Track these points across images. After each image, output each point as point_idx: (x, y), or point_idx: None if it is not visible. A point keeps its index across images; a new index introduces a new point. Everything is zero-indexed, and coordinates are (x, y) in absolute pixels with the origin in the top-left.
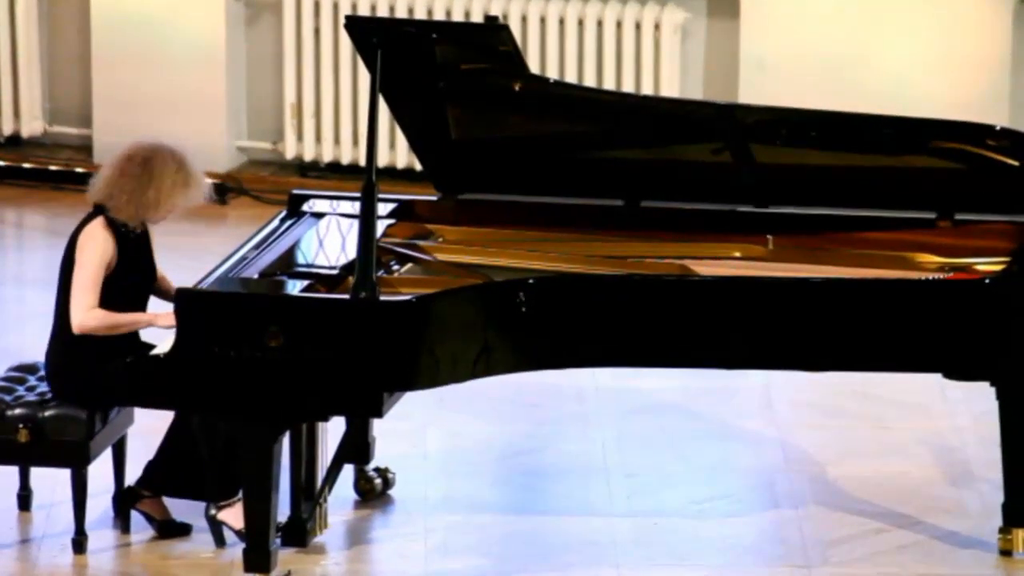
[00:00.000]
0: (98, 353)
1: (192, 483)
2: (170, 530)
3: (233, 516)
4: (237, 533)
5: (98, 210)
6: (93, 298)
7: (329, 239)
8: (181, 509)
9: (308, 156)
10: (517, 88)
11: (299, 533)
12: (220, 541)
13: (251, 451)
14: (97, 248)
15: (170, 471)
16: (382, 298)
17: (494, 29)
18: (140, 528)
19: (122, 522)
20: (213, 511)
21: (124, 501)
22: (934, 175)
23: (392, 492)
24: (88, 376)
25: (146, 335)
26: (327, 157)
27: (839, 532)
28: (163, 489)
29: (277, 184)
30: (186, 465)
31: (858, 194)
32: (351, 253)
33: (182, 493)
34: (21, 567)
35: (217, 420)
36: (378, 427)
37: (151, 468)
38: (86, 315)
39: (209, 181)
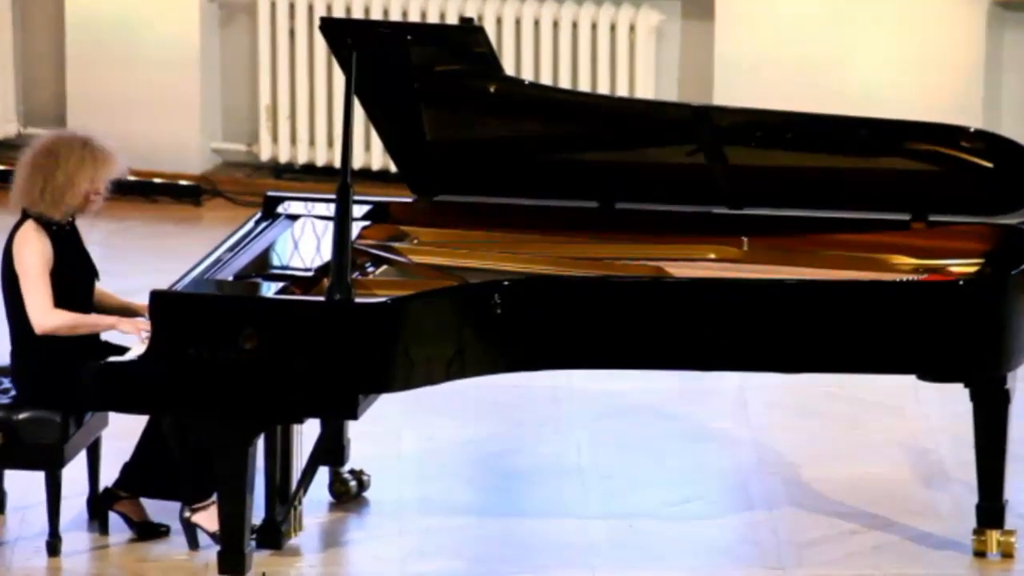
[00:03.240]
0: (62, 358)
1: (169, 484)
2: (148, 531)
3: (207, 518)
4: (211, 535)
5: (25, 215)
6: (48, 298)
7: (304, 241)
8: (158, 510)
9: (283, 158)
10: (492, 90)
11: (274, 535)
12: (194, 543)
13: (226, 453)
14: (34, 250)
15: (147, 472)
16: (357, 300)
17: (469, 31)
18: (115, 530)
19: (99, 524)
20: (187, 513)
21: (101, 503)
22: (908, 177)
23: (367, 494)
24: (55, 382)
25: (112, 338)
26: (302, 159)
27: (813, 533)
28: (140, 490)
29: (252, 186)
30: (163, 466)
31: (832, 196)
32: (326, 255)
33: (159, 494)
34: None
35: (191, 422)
36: (353, 429)
37: (128, 469)
38: (46, 315)
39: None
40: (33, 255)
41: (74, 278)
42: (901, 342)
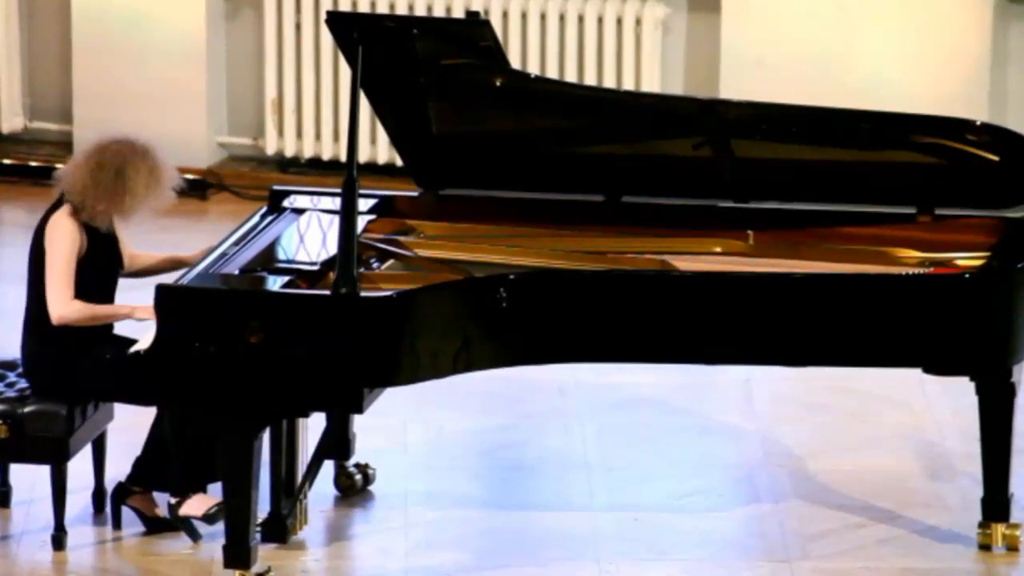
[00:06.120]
0: (75, 346)
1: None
2: (160, 526)
3: (194, 506)
4: (202, 518)
5: (62, 199)
6: (69, 289)
7: (310, 235)
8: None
9: (289, 152)
10: (498, 83)
11: (279, 529)
12: (194, 535)
13: (231, 447)
14: (66, 238)
15: (158, 466)
16: (363, 294)
17: (475, 24)
18: (127, 525)
19: (112, 518)
20: (176, 510)
21: (114, 498)
22: (914, 170)
23: (372, 488)
24: (67, 371)
25: (121, 328)
26: (308, 153)
27: (819, 526)
28: (152, 484)
29: (258, 180)
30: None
31: (839, 189)
32: (332, 249)
33: (171, 487)
34: (0, 564)
35: (196, 415)
36: (358, 423)
37: (139, 464)
38: (65, 307)
39: (179, 176)
40: (65, 243)
41: (100, 271)
42: (907, 335)
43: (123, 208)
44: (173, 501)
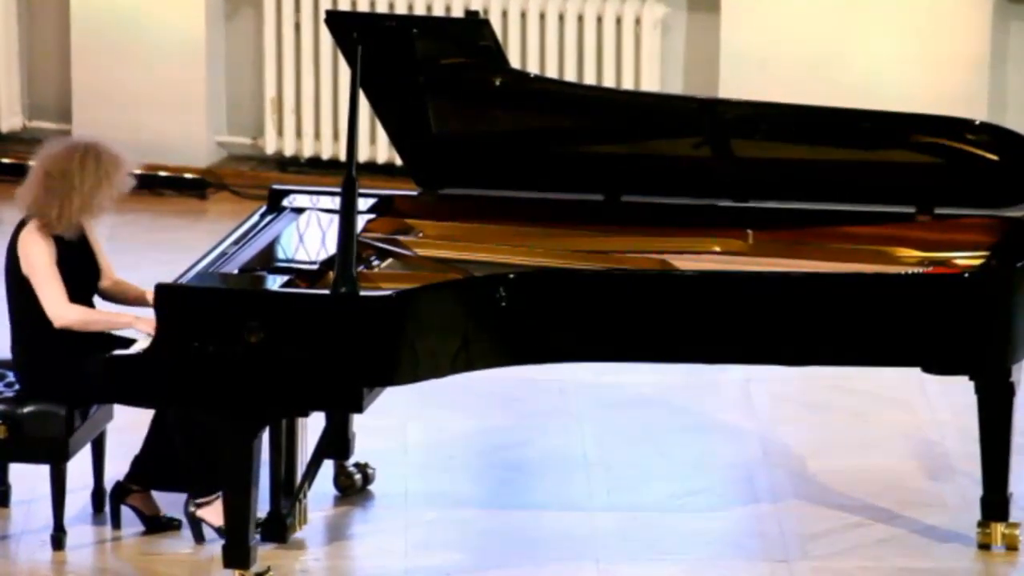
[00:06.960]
0: (69, 351)
1: (179, 475)
2: (159, 526)
3: (212, 513)
4: (216, 530)
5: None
6: (63, 292)
7: (309, 234)
8: (170, 506)
9: (288, 151)
10: (498, 83)
11: (279, 529)
12: (199, 537)
13: (231, 447)
14: (40, 248)
15: (157, 464)
16: (362, 293)
17: (475, 24)
18: (126, 524)
19: (111, 518)
20: (192, 508)
21: (113, 497)
22: (914, 169)
23: (372, 488)
24: (64, 374)
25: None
26: (307, 152)
27: (818, 526)
28: (151, 483)
29: (257, 179)
30: (172, 457)
31: (838, 188)
32: (331, 248)
33: (170, 486)
34: (0, 563)
35: (196, 415)
36: (358, 422)
37: (138, 462)
38: (64, 309)
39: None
40: (40, 254)
41: (73, 277)
42: (906, 335)
43: (75, 208)
44: (197, 501)
